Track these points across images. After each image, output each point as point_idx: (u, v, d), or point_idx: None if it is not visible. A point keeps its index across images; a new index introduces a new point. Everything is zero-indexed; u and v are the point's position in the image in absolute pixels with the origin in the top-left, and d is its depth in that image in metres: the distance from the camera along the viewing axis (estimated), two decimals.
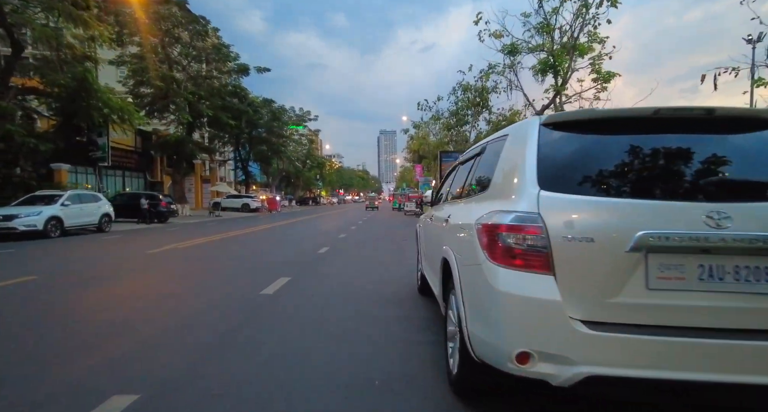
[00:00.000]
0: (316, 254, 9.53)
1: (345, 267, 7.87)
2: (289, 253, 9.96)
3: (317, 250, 10.22)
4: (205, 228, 18.81)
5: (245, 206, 40.04)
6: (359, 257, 9.25)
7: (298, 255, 9.50)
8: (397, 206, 42.84)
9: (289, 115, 51.96)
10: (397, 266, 7.92)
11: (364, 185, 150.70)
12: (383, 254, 9.71)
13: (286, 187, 68.36)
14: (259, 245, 11.92)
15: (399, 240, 12.71)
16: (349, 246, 11.24)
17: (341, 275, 7.09)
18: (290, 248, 10.96)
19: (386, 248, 10.96)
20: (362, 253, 9.81)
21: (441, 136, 38.79)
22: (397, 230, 17.05)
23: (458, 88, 25.97)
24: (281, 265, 8.01)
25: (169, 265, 8.15)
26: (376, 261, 8.54)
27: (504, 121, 26.97)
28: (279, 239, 13.48)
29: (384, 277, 6.90)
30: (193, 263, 8.49)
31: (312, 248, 10.80)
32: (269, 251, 10.37)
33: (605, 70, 13.06)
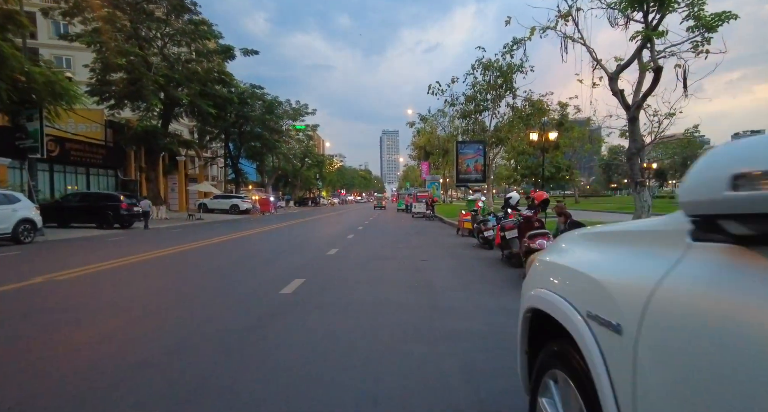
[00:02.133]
0: (275, 299, 5.50)
1: (326, 331, 3.83)
2: (242, 291, 5.95)
3: (285, 285, 6.20)
4: (170, 236, 14.87)
5: (234, 207, 36.10)
6: (354, 304, 5.23)
7: (251, 297, 5.48)
8: (402, 207, 38.66)
9: (285, 108, 47.96)
10: (427, 316, 3.88)
11: (367, 185, 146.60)
12: (399, 293, 5.70)
13: (283, 187, 64.43)
14: (202, 273, 7.91)
15: (416, 260, 8.69)
16: (336, 280, 7.21)
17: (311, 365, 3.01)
18: (248, 280, 6.94)
19: (402, 280, 6.94)
20: (359, 296, 5.80)
21: (452, 128, 34.74)
22: (410, 239, 13.02)
23: (477, 66, 21.88)
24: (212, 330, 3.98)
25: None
26: (390, 322, 4.50)
27: (530, 107, 22.92)
28: (239, 260, 9.47)
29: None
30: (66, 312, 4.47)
31: (280, 277, 6.79)
32: (202, 291, 6.36)
33: (709, 14, 8.96)
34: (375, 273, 6.95)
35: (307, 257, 8.91)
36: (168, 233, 16.42)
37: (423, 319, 4.26)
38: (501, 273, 6.91)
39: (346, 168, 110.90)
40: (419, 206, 28.19)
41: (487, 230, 10.05)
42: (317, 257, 8.89)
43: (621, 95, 9.27)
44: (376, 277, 6.62)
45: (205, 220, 26.67)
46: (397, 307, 4.73)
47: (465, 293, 5.45)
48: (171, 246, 10.96)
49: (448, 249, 10.31)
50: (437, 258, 8.69)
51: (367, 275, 6.81)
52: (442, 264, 7.88)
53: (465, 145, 20.88)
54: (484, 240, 10.21)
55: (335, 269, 7.40)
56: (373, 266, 7.65)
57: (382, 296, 5.26)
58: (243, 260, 8.71)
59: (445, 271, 7.16)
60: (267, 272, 7.23)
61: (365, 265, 7.83)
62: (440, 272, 7.00)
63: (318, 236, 14.79)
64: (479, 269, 7.42)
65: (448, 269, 7.32)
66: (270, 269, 7.42)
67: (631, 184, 8.98)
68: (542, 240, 5.64)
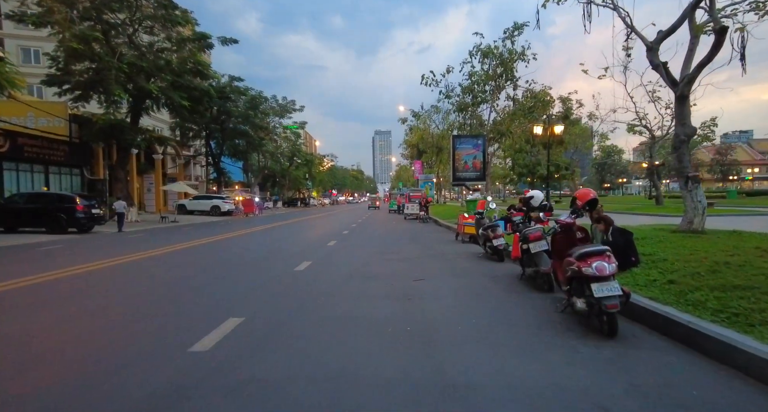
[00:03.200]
0: (181, 364, 3.45)
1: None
2: (143, 344, 3.89)
3: (209, 330, 4.17)
4: (125, 242, 12.76)
5: (215, 208, 33.88)
6: (302, 383, 3.19)
7: (148, 359, 3.41)
8: (394, 208, 36.61)
9: (271, 104, 45.73)
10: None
11: (359, 186, 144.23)
12: (381, 354, 3.70)
13: (271, 188, 62.09)
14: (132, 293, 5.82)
15: (408, 279, 6.71)
16: (289, 320, 5.21)
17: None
18: (165, 323, 4.89)
19: (387, 319, 4.96)
20: (315, 359, 3.80)
21: (447, 125, 32.85)
22: (402, 247, 11.03)
23: (475, 53, 19.96)
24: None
25: None
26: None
27: (534, 99, 21.08)
28: (176, 280, 7.39)
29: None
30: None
31: (210, 314, 4.76)
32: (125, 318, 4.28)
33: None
34: (350, 305, 4.93)
35: (266, 276, 6.86)
36: (125, 239, 14.25)
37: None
38: (530, 305, 4.93)
39: (338, 168, 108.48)
40: (412, 206, 26.20)
41: (496, 238, 8.09)
42: (279, 276, 6.85)
43: (664, 69, 7.37)
44: (349, 314, 4.60)
45: (180, 223, 24.47)
46: (375, 391, 2.72)
47: (486, 349, 3.46)
48: (112, 257, 8.84)
49: (449, 262, 8.33)
50: (436, 276, 6.70)
51: (339, 309, 4.79)
52: (444, 287, 5.89)
53: (462, 140, 18.94)
54: (492, 250, 8.25)
55: (295, 297, 5.36)
56: (349, 292, 5.63)
57: (351, 360, 3.25)
58: (180, 281, 6.64)
59: (448, 300, 5.17)
60: (199, 303, 5.18)
61: (340, 289, 5.81)
62: (442, 303, 5.01)
63: (294, 242, 12.74)
64: (495, 296, 5.43)
65: (452, 297, 5.34)
66: (203, 299, 5.36)
67: (680, 180, 7.07)
68: (601, 262, 3.70)
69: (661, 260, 5.29)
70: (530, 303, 4.99)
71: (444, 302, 5.04)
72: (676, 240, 6.40)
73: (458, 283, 6.17)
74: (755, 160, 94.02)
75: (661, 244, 6.29)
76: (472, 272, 7.05)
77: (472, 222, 11.30)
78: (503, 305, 4.89)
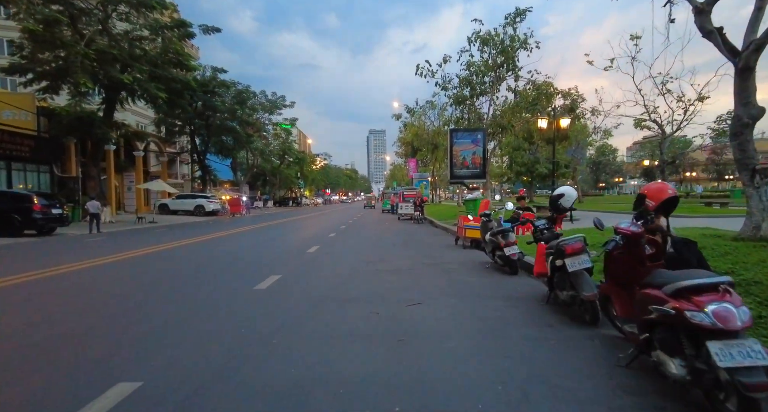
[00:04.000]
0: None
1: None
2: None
3: (107, 383, 2.57)
4: (82, 247, 11.09)
5: (199, 208, 32.17)
6: None
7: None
8: (387, 208, 35.02)
9: (260, 100, 43.93)
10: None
11: (352, 185, 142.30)
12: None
13: (262, 187, 60.26)
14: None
15: (401, 302, 5.18)
16: (213, 390, 3.60)
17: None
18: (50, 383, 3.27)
19: (368, 377, 3.37)
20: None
21: (442, 121, 31.38)
22: (394, 255, 9.50)
23: (474, 40, 18.46)
24: None
25: None
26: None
27: (536, 91, 19.64)
28: (97, 305, 5.79)
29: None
30: None
31: (100, 377, 3.15)
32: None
33: None
34: (311, 357, 3.36)
35: (208, 301, 5.26)
36: (82, 243, 12.59)
37: None
38: (575, 351, 3.40)
39: (331, 167, 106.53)
40: (406, 206, 24.65)
41: (509, 246, 6.57)
42: (227, 300, 5.25)
43: (720, 35, 5.89)
44: (307, 376, 3.04)
45: (158, 223, 22.76)
46: None
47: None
48: (38, 269, 7.20)
49: (450, 274, 6.79)
50: (435, 298, 5.16)
51: (292, 366, 3.23)
52: (447, 318, 4.35)
53: (460, 135, 17.41)
54: (504, 260, 6.73)
55: (233, 341, 3.77)
56: (316, 328, 4.06)
57: None
58: (83, 314, 5.04)
59: (454, 341, 3.62)
60: (82, 356, 3.60)
61: (304, 323, 4.25)
62: (446, 349, 3.46)
63: (270, 248, 11.14)
64: (521, 333, 3.88)
65: (460, 335, 3.79)
66: (94, 349, 3.78)
67: (743, 174, 5.58)
68: (724, 305, 2.14)
69: (752, 283, 3.79)
70: (574, 346, 3.46)
71: (449, 346, 3.50)
72: (747, 251, 4.92)
73: (465, 309, 4.63)
74: None
75: (730, 257, 4.80)
76: (482, 291, 5.51)
77: (475, 225, 9.79)
78: (537, 353, 3.34)
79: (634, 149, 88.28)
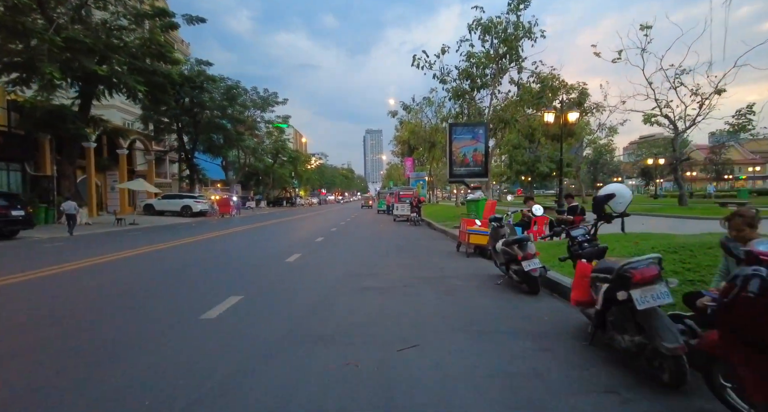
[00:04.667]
0: None
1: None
2: None
3: None
4: (40, 253, 9.67)
5: (186, 208, 30.76)
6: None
7: None
8: (383, 208, 33.64)
9: (251, 97, 42.47)
10: None
11: (349, 185, 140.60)
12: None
13: (255, 186, 58.73)
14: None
15: (391, 342, 3.80)
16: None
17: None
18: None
19: None
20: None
21: (440, 117, 30.03)
22: (387, 266, 8.19)
23: (475, 28, 17.15)
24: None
25: None
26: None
27: (541, 83, 18.36)
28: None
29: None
30: None
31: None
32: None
33: None
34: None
35: (146, 330, 3.91)
36: (43, 249, 11.18)
37: None
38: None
39: (327, 167, 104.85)
40: (402, 207, 23.35)
41: (528, 259, 5.24)
42: (167, 331, 3.90)
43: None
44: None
45: (139, 225, 21.34)
46: None
47: None
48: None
49: (455, 294, 5.46)
50: (439, 333, 3.83)
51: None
52: (459, 376, 3.02)
53: (460, 130, 16.09)
54: (522, 277, 5.40)
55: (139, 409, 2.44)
56: (271, 388, 2.72)
57: None
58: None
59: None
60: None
61: (257, 375, 2.89)
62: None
63: (248, 253, 9.77)
64: (567, 403, 2.57)
65: (482, 410, 2.46)
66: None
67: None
68: None
69: None
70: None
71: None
72: None
73: (482, 357, 3.29)
74: (746, 159, 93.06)
75: None
76: (499, 323, 4.17)
77: (480, 230, 8.48)
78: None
79: (631, 149, 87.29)
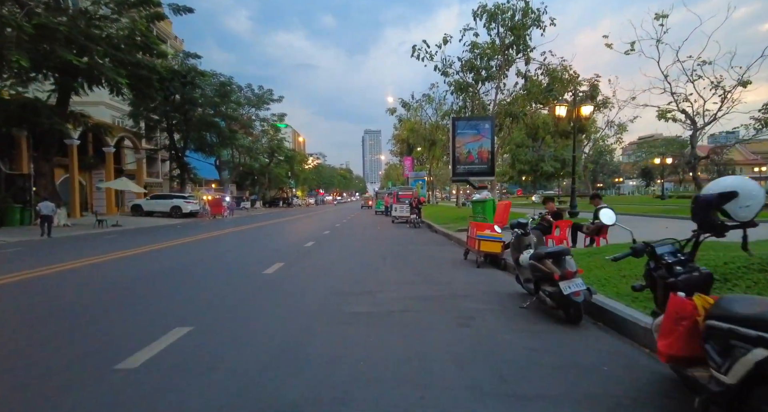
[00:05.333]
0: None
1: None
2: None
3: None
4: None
5: (176, 209, 29.45)
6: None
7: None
8: (381, 209, 32.32)
9: (245, 94, 41.16)
10: None
11: (347, 185, 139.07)
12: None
13: (251, 186, 57.37)
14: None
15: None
16: None
17: None
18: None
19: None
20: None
21: (441, 113, 28.81)
22: (381, 281, 6.94)
23: (480, 16, 15.90)
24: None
25: None
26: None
27: (549, 76, 17.13)
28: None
29: None
30: None
31: None
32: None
33: None
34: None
35: (28, 395, 2.63)
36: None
37: None
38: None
39: (325, 166, 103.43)
40: (401, 208, 22.08)
41: (568, 279, 3.98)
42: (47, 400, 2.63)
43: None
44: None
45: (123, 227, 20.05)
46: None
47: None
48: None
49: (473, 324, 4.18)
50: (458, 399, 2.56)
51: None
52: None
53: (464, 124, 14.81)
54: (559, 302, 4.11)
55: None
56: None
57: None
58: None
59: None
60: None
61: None
62: None
63: (220, 262, 8.48)
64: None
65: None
66: None
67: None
68: None
69: None
70: None
71: None
72: None
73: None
74: (748, 159, 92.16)
75: None
76: (543, 381, 2.88)
77: (493, 236, 7.21)
78: None
79: (630, 150, 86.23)
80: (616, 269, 5.27)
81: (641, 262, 5.39)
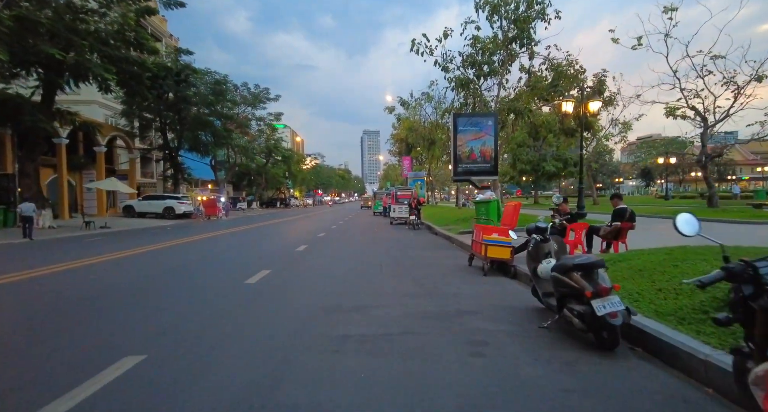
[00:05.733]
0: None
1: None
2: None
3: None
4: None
5: (168, 210, 28.65)
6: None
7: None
8: (379, 210, 31.54)
9: (241, 93, 40.40)
10: None
11: (345, 185, 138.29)
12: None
13: (248, 187, 56.58)
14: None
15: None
16: None
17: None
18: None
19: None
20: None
21: (440, 112, 28.11)
22: (379, 295, 6.21)
23: (482, 6, 15.20)
24: None
25: None
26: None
27: (554, 71, 16.43)
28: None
29: None
30: None
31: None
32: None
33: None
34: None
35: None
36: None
37: None
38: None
39: (323, 167, 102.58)
40: (400, 209, 21.35)
41: (601, 297, 3.26)
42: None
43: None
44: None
45: (111, 229, 19.28)
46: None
47: None
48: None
49: (487, 352, 3.46)
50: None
51: None
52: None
53: (466, 121, 14.10)
54: (590, 325, 3.37)
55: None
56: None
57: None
58: None
59: None
60: None
61: None
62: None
63: (204, 270, 7.74)
64: None
65: None
66: None
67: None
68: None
69: None
70: None
71: None
72: None
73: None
74: (748, 160, 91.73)
75: None
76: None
77: (502, 240, 6.49)
78: None
79: (629, 151, 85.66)
80: (648, 280, 4.55)
81: (680, 268, 4.68)
